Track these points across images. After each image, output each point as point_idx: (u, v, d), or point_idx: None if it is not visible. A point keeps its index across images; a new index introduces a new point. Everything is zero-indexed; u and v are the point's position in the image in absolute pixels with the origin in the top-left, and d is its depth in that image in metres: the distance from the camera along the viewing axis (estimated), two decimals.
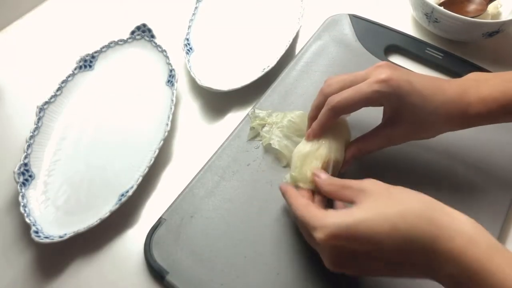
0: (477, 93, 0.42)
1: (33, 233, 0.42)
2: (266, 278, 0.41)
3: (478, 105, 0.42)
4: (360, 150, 0.45)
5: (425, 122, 0.43)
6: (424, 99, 0.42)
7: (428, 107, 0.42)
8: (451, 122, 0.44)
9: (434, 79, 0.45)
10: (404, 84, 0.41)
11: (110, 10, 0.68)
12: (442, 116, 0.43)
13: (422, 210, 0.33)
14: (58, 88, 0.54)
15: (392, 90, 0.41)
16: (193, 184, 0.48)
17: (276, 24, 0.63)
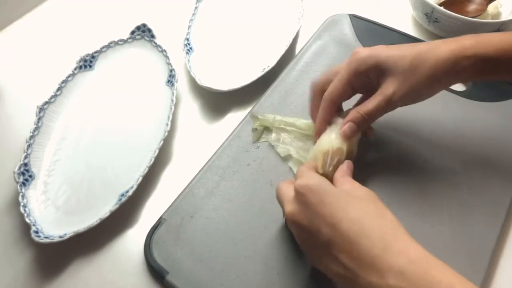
0: (472, 38, 0.42)
1: (33, 233, 0.42)
2: (266, 278, 0.41)
3: (474, 46, 0.41)
4: (358, 110, 0.44)
5: (411, 70, 0.42)
6: (402, 48, 0.43)
7: (409, 54, 0.42)
8: (442, 67, 0.41)
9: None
10: (377, 47, 0.43)
11: (110, 10, 0.68)
12: (430, 59, 0.41)
13: (392, 223, 0.34)
14: (58, 88, 0.54)
15: (367, 54, 0.43)
16: (193, 184, 0.48)
17: (276, 24, 0.63)
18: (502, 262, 0.44)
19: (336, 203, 0.34)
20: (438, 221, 0.45)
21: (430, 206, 0.46)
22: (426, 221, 0.45)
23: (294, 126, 0.51)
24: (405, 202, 0.46)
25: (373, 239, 0.32)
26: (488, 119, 0.52)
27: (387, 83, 0.43)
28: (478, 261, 0.42)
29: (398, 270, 0.31)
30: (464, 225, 0.44)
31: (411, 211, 0.45)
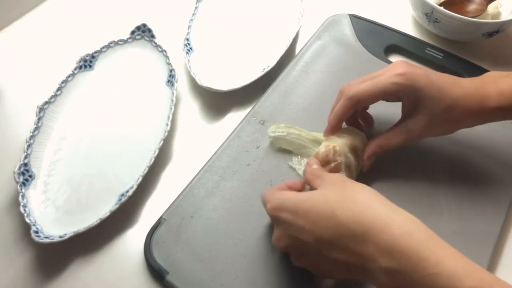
0: (496, 87, 0.43)
1: (33, 233, 0.42)
2: (266, 278, 0.41)
3: (497, 98, 0.42)
4: (381, 146, 0.45)
5: (442, 115, 0.43)
6: (441, 92, 0.42)
7: (445, 100, 0.42)
8: (469, 116, 0.43)
9: (451, 76, 0.45)
10: (421, 77, 0.42)
11: (110, 10, 0.68)
12: (460, 109, 0.43)
13: (360, 200, 0.33)
14: (58, 88, 0.54)
15: (409, 82, 0.42)
16: (193, 184, 0.48)
17: (276, 24, 0.63)
18: (502, 262, 0.44)
19: (307, 208, 0.34)
20: (438, 221, 0.45)
21: (430, 206, 0.46)
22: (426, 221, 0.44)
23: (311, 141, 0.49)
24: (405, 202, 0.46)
25: (350, 226, 0.32)
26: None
27: (416, 122, 0.44)
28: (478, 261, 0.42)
29: (385, 251, 0.30)
30: (464, 225, 0.44)
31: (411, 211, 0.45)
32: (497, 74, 0.45)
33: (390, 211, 0.33)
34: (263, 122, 0.53)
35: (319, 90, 0.56)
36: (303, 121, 0.52)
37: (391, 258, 0.30)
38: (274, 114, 0.53)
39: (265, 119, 0.53)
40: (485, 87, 0.43)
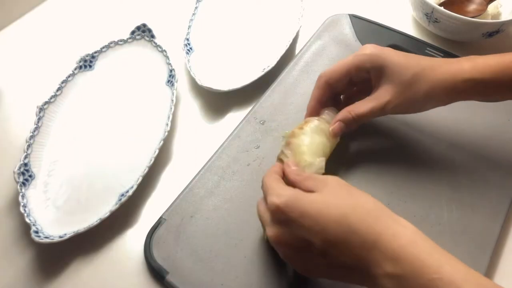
0: (470, 60, 0.43)
1: (33, 233, 0.42)
2: (266, 278, 0.41)
3: (470, 69, 0.42)
4: (349, 111, 0.45)
5: (411, 84, 0.43)
6: (409, 59, 0.43)
7: (413, 67, 0.43)
8: (439, 88, 0.43)
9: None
10: (388, 50, 0.44)
11: (110, 10, 0.68)
12: (429, 78, 0.42)
13: (372, 208, 0.34)
14: (58, 88, 0.54)
15: (376, 53, 0.44)
16: (193, 184, 0.48)
17: (276, 24, 0.63)
18: (502, 262, 0.44)
19: (316, 211, 0.34)
20: (438, 221, 0.45)
21: (430, 206, 0.46)
22: (426, 221, 0.45)
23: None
24: (405, 202, 0.46)
25: (362, 233, 0.33)
26: (488, 119, 0.52)
27: (384, 89, 0.44)
28: (478, 261, 0.42)
29: (392, 257, 0.31)
30: (464, 225, 0.44)
31: (411, 211, 0.45)
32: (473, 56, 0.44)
33: (396, 222, 0.34)
34: (263, 122, 0.53)
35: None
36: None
37: (396, 264, 0.31)
38: (274, 114, 0.53)
39: (265, 119, 0.53)
40: (459, 61, 0.43)
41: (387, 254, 0.32)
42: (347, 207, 0.34)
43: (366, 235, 0.32)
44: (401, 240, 0.32)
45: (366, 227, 0.33)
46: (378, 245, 0.32)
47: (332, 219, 0.33)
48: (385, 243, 0.32)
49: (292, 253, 0.37)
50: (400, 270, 0.31)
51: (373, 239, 0.32)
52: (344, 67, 0.45)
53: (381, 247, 0.32)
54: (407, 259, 0.31)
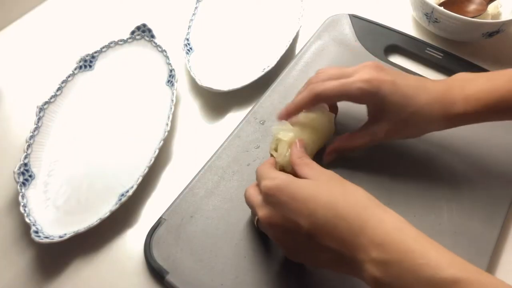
0: (462, 92, 0.43)
1: (33, 233, 0.42)
2: (266, 278, 0.41)
3: (463, 104, 0.42)
4: (343, 147, 0.47)
5: (408, 121, 0.44)
6: (407, 98, 0.43)
7: (411, 106, 0.43)
8: (435, 122, 0.44)
9: (419, 79, 0.45)
10: (386, 84, 0.43)
11: (110, 10, 0.68)
12: (426, 115, 0.43)
13: (362, 199, 0.35)
14: (58, 88, 0.54)
15: (374, 89, 0.43)
16: (193, 184, 0.48)
17: (276, 24, 0.63)
18: (502, 262, 0.44)
19: (306, 195, 0.35)
20: (438, 221, 0.45)
21: (430, 206, 0.46)
22: (426, 221, 0.45)
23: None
24: (405, 202, 0.46)
25: (349, 219, 0.33)
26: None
27: (381, 125, 0.45)
28: (478, 261, 0.42)
29: (378, 243, 0.32)
30: (464, 225, 0.44)
31: (411, 211, 0.45)
32: (465, 76, 0.45)
33: (383, 210, 0.35)
34: (263, 122, 0.53)
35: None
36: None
37: (382, 249, 0.32)
38: (274, 114, 0.53)
39: (265, 119, 0.53)
40: (451, 92, 0.43)
41: (373, 240, 0.32)
42: (337, 194, 0.35)
43: (353, 221, 0.33)
44: (387, 226, 0.33)
45: (354, 214, 0.34)
46: (365, 231, 0.33)
47: (321, 204, 0.34)
48: (371, 229, 0.33)
49: (281, 235, 0.38)
50: (385, 256, 0.31)
51: (360, 225, 0.33)
52: (342, 93, 0.44)
53: (367, 232, 0.33)
54: (392, 244, 0.32)
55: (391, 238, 0.32)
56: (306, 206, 0.35)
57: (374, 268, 0.32)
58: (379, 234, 0.32)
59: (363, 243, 0.32)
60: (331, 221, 0.34)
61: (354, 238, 0.33)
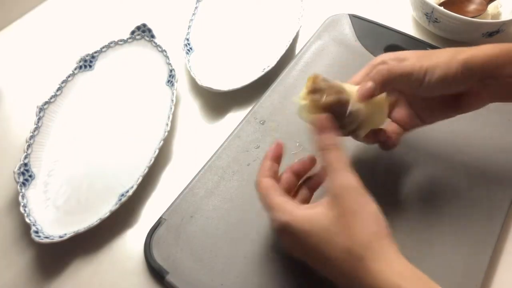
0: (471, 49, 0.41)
1: (33, 233, 0.42)
2: (266, 278, 0.41)
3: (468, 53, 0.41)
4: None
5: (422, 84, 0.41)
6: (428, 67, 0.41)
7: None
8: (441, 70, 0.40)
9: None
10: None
11: (110, 10, 0.68)
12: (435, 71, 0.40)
13: (371, 239, 0.33)
14: (58, 88, 0.54)
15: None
16: (193, 184, 0.48)
17: (276, 24, 0.63)
18: (502, 262, 0.44)
19: (316, 242, 0.34)
20: (438, 222, 0.45)
21: (430, 206, 0.46)
22: (426, 221, 0.45)
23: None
24: (405, 202, 0.46)
25: (352, 277, 0.33)
26: (488, 119, 0.52)
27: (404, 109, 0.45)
28: (478, 261, 0.42)
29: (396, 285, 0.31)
30: (464, 225, 0.44)
31: (411, 212, 0.45)
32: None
33: (386, 257, 0.33)
34: (263, 122, 0.53)
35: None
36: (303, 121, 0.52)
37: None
38: (274, 114, 0.53)
39: (265, 119, 0.53)
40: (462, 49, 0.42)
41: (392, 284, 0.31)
42: (343, 251, 0.33)
43: (355, 276, 0.33)
44: (393, 270, 0.32)
45: (355, 275, 0.33)
46: (381, 274, 0.32)
47: (333, 254, 0.33)
48: (389, 273, 0.32)
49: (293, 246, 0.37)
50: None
51: (378, 269, 0.32)
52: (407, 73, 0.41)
53: (386, 275, 0.32)
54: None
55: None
56: (320, 254, 0.34)
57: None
58: (398, 279, 0.31)
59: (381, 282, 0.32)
60: (342, 270, 0.33)
61: (374, 277, 0.32)
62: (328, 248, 0.34)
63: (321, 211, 0.35)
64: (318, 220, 0.34)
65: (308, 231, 0.34)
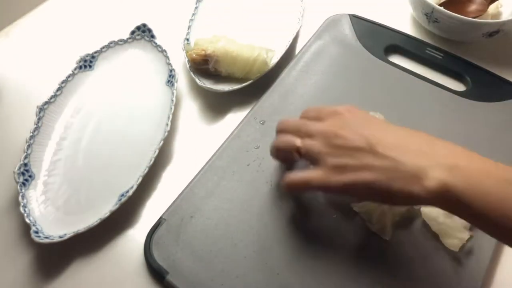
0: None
1: (33, 233, 0.42)
2: (266, 278, 0.41)
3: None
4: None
5: None
6: None
7: None
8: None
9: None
10: None
11: (110, 10, 0.68)
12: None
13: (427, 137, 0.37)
14: (58, 88, 0.54)
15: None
16: (193, 184, 0.48)
17: (276, 24, 0.63)
18: (502, 262, 0.44)
19: (376, 124, 0.38)
20: None
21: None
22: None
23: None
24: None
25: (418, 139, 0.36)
26: (488, 119, 0.52)
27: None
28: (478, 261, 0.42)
29: (447, 152, 0.34)
30: None
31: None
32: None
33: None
34: (263, 122, 0.53)
35: (319, 90, 0.56)
36: None
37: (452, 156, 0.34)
38: (274, 114, 0.53)
39: (265, 119, 0.53)
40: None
41: (441, 151, 0.34)
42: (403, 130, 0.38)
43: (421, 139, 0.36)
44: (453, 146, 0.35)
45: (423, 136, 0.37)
46: (434, 146, 0.35)
47: (391, 126, 0.38)
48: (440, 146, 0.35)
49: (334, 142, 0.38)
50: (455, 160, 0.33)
51: (428, 143, 0.35)
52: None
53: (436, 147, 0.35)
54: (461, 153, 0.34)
55: (459, 151, 0.34)
56: (377, 126, 0.38)
57: (442, 171, 0.32)
58: (448, 147, 0.34)
59: (431, 152, 0.34)
60: (401, 137, 0.36)
61: (422, 148, 0.34)
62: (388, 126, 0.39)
63: None
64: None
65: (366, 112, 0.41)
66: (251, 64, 0.55)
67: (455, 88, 0.56)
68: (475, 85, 0.56)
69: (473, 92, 0.55)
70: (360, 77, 0.57)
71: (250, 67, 0.55)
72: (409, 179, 0.33)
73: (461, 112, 0.53)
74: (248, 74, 0.55)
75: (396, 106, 0.54)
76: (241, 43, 0.57)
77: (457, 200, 0.31)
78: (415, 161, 0.33)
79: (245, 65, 0.55)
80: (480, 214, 0.31)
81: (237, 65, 0.55)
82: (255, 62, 0.55)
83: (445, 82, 0.57)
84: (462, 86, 0.57)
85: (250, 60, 0.55)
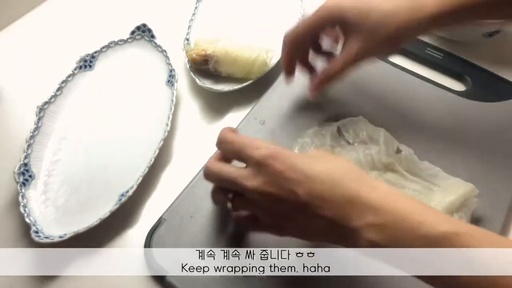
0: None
1: (33, 233, 0.42)
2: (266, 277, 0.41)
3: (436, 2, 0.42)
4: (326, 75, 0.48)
5: (376, 31, 0.43)
6: (369, 8, 0.43)
7: (376, 13, 0.43)
8: (404, 28, 0.42)
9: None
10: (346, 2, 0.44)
11: (110, 10, 0.68)
12: (392, 22, 0.42)
13: (354, 168, 0.36)
14: (58, 88, 0.54)
15: (334, 5, 0.44)
16: (193, 184, 0.47)
17: (276, 24, 0.63)
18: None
19: (302, 163, 0.35)
20: None
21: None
22: None
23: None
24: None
25: (345, 186, 0.34)
26: (488, 119, 0.52)
27: (352, 41, 0.45)
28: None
29: (373, 206, 0.32)
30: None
31: None
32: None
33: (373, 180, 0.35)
34: (263, 122, 0.53)
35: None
36: (303, 121, 0.52)
37: (378, 213, 0.32)
38: (274, 114, 0.53)
39: (265, 119, 0.53)
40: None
41: (368, 204, 0.33)
42: (331, 163, 0.36)
43: (348, 188, 0.34)
44: (380, 191, 0.33)
45: (348, 181, 0.34)
46: (359, 196, 0.33)
47: (318, 174, 0.34)
48: (365, 194, 0.33)
49: (272, 205, 0.36)
50: (382, 218, 0.32)
51: (355, 190, 0.33)
52: (307, 22, 0.46)
53: (362, 198, 0.33)
54: (388, 207, 0.32)
55: (385, 202, 0.32)
56: (302, 174, 0.34)
57: (371, 232, 0.32)
58: (374, 198, 0.33)
59: (358, 209, 0.33)
60: (327, 188, 0.34)
61: (349, 205, 0.33)
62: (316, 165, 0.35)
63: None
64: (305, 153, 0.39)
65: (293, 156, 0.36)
66: (251, 64, 0.55)
67: (455, 88, 0.56)
68: (475, 85, 0.56)
69: (473, 92, 0.55)
70: (359, 77, 0.57)
71: (250, 67, 0.55)
72: (344, 237, 0.34)
73: (461, 112, 0.53)
74: (248, 74, 0.55)
75: (396, 106, 0.54)
76: (241, 43, 0.57)
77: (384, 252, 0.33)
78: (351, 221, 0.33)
79: (245, 65, 0.55)
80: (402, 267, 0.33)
81: (237, 65, 0.55)
82: (255, 62, 0.55)
83: (445, 82, 0.57)
84: (462, 86, 0.57)
85: (250, 60, 0.55)
